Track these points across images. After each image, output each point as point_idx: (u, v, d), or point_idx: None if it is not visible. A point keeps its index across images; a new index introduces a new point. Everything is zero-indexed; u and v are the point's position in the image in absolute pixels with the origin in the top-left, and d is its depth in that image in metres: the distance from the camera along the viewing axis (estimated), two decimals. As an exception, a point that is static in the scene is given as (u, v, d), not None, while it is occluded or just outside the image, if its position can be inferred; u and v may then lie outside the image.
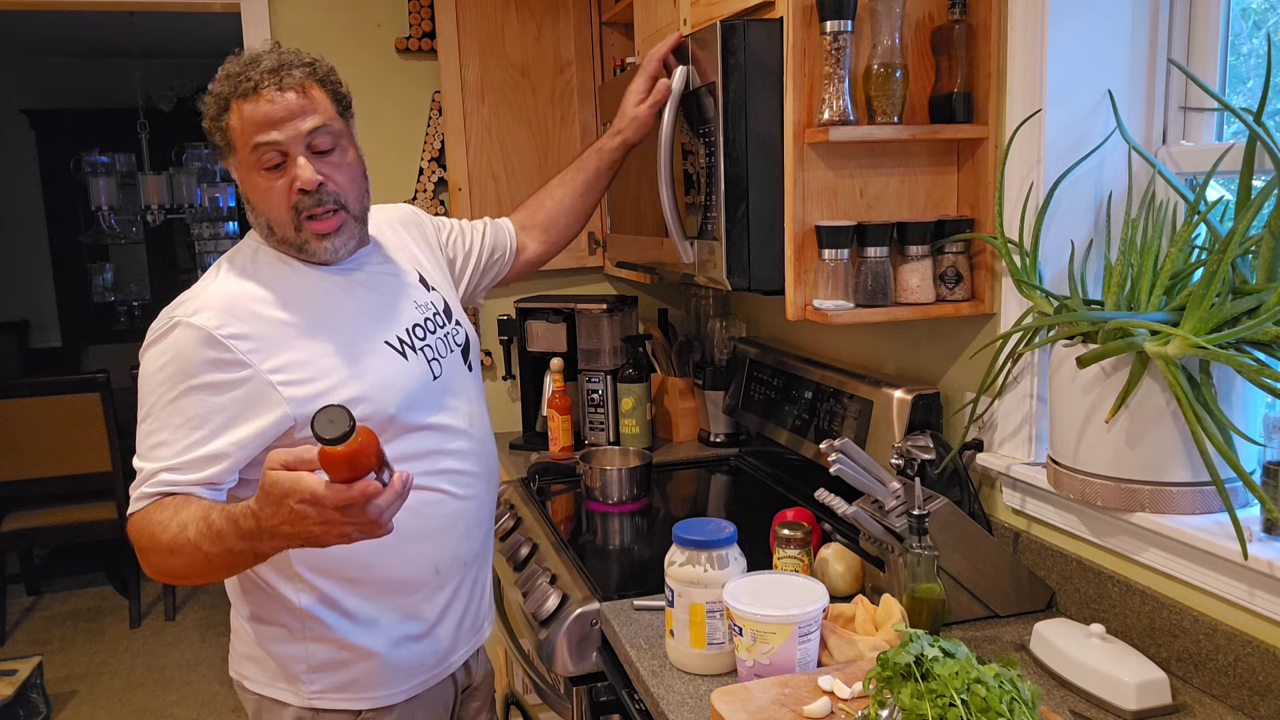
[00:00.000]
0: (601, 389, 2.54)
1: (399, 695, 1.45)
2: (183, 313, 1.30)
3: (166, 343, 1.29)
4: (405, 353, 1.41)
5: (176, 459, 1.26)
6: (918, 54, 1.56)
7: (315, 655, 1.40)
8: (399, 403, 1.37)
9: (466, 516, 1.49)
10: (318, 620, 1.39)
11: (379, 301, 1.44)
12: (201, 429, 1.27)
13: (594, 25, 2.70)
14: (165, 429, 1.27)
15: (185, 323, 1.29)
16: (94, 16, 4.88)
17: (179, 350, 1.28)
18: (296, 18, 2.69)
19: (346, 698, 1.42)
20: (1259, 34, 1.43)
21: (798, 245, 1.55)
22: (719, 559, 1.34)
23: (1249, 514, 1.25)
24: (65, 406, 3.88)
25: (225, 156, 1.38)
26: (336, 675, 1.41)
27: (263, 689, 1.44)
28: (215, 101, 1.34)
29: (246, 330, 1.30)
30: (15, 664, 3.29)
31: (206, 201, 6.13)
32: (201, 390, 1.27)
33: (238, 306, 1.31)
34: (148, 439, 1.28)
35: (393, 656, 1.43)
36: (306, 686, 1.41)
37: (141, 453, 1.29)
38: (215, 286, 1.35)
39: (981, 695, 1.00)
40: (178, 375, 1.27)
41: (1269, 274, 1.22)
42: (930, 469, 1.59)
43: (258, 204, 1.36)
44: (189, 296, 1.34)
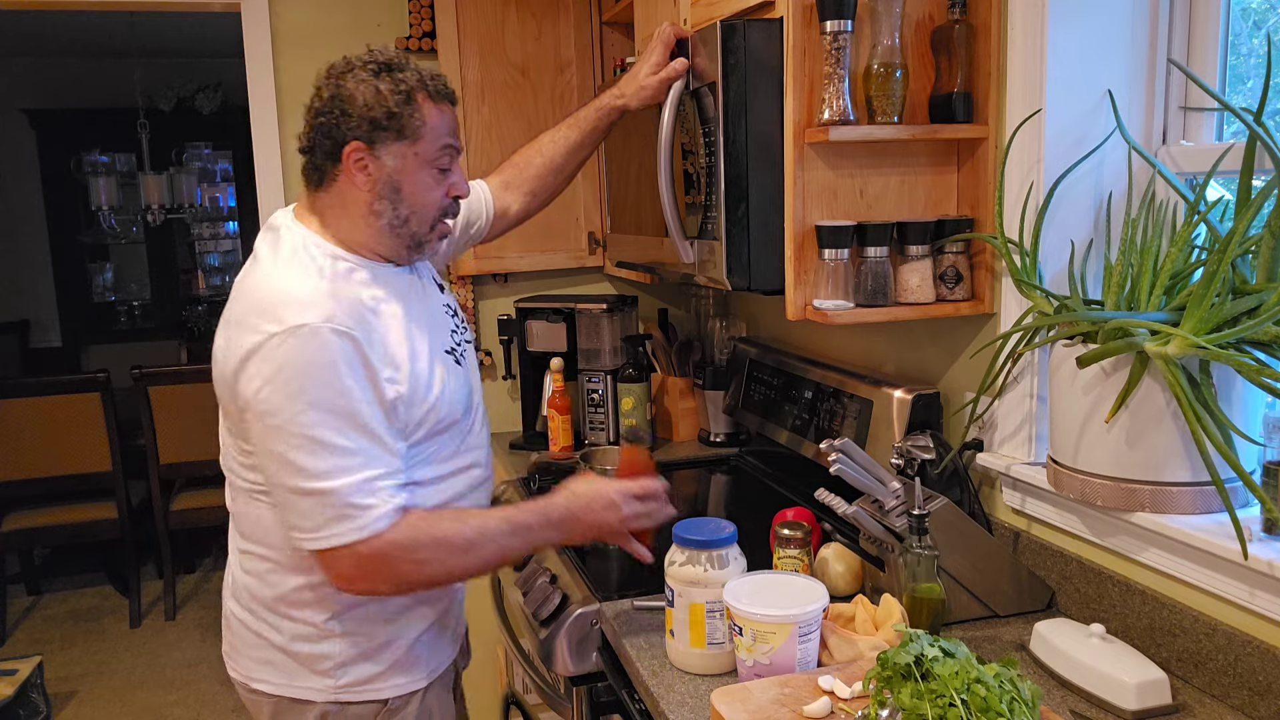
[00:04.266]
0: (601, 389, 2.54)
1: (422, 680, 1.49)
2: (311, 317, 1.25)
3: (303, 349, 1.24)
4: (459, 360, 1.48)
5: (385, 466, 1.28)
6: (918, 54, 1.56)
7: (345, 652, 1.42)
8: (461, 409, 1.45)
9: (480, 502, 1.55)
10: (350, 619, 1.42)
11: (430, 310, 1.47)
12: (379, 427, 1.29)
13: (594, 25, 2.70)
14: (352, 434, 1.26)
15: (322, 328, 1.25)
16: (94, 16, 4.88)
17: (328, 355, 1.25)
18: (297, 17, 2.69)
19: (374, 688, 1.44)
20: (1259, 34, 1.43)
21: (798, 245, 1.55)
22: (719, 559, 1.34)
23: (1249, 514, 1.25)
24: (65, 406, 3.88)
25: (385, 140, 1.33)
26: (365, 668, 1.43)
27: (282, 690, 1.44)
28: (399, 88, 1.32)
29: (367, 333, 1.30)
30: (15, 664, 3.29)
31: (206, 201, 6.14)
32: (363, 392, 1.27)
33: (354, 306, 1.30)
34: (331, 448, 1.25)
35: (418, 644, 1.48)
36: (334, 681, 1.42)
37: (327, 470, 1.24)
38: (320, 289, 1.30)
39: (981, 695, 1.00)
40: (334, 380, 1.25)
41: (1269, 274, 1.22)
42: (930, 469, 1.59)
43: (411, 196, 1.36)
44: (293, 300, 1.27)
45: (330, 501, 1.25)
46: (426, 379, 1.37)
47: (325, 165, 1.36)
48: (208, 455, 4.09)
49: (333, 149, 1.34)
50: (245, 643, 1.47)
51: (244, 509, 1.42)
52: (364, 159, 1.33)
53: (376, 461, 1.28)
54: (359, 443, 1.27)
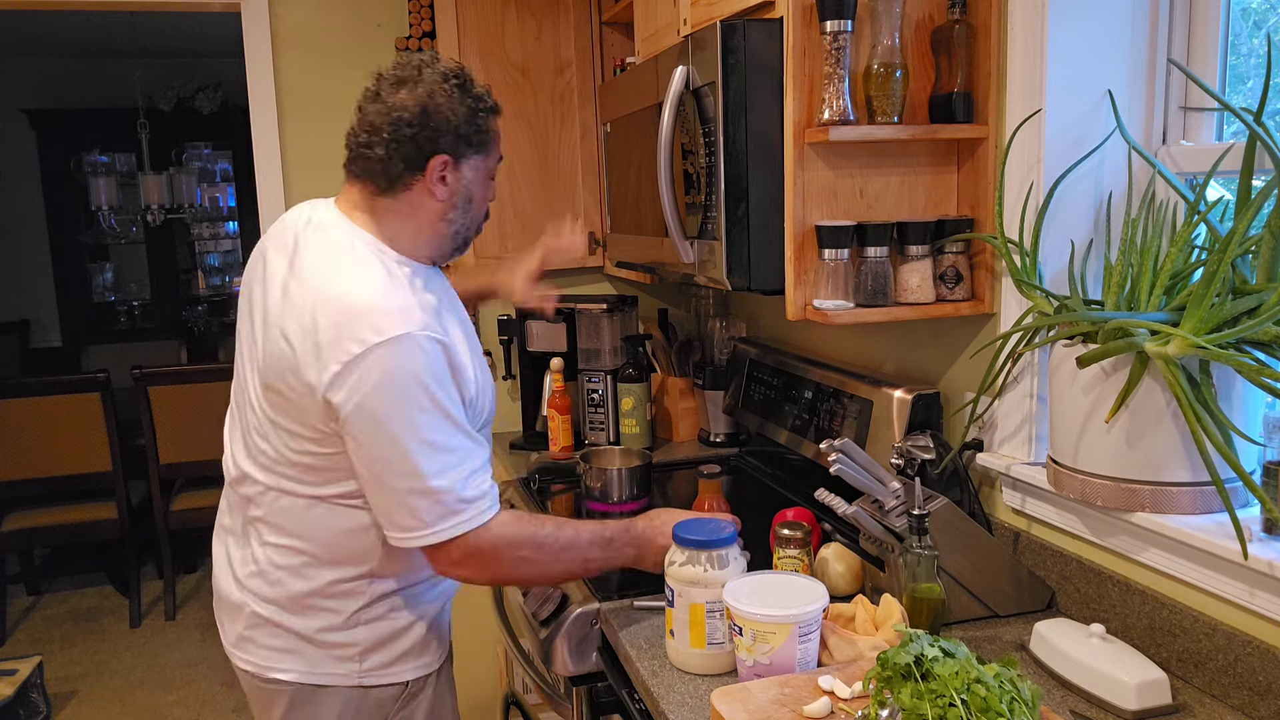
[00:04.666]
0: (601, 389, 2.54)
1: (437, 661, 1.57)
2: (411, 327, 1.30)
3: (412, 360, 1.30)
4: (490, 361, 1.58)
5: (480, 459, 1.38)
6: (918, 54, 1.56)
7: (370, 638, 1.48)
8: (492, 409, 1.54)
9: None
10: (377, 607, 1.48)
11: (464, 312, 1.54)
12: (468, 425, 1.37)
13: (594, 25, 2.70)
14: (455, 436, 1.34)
15: (420, 336, 1.30)
16: (94, 16, 4.88)
17: (431, 363, 1.31)
18: (297, 17, 2.69)
19: (395, 671, 1.50)
20: (1259, 34, 1.43)
21: (798, 245, 1.55)
22: (719, 559, 1.34)
23: (1249, 514, 1.25)
24: (65, 406, 3.88)
25: (469, 153, 1.41)
26: (388, 652, 1.49)
27: (305, 678, 1.48)
28: (481, 106, 1.41)
29: (449, 339, 1.36)
30: (15, 664, 3.29)
31: (206, 201, 6.14)
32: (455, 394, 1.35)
33: (432, 313, 1.36)
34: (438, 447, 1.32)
35: (433, 628, 1.56)
36: (359, 666, 1.48)
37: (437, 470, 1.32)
38: (406, 299, 1.34)
39: (981, 695, 1.00)
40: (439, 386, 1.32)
41: (1269, 274, 1.22)
42: (930, 469, 1.59)
43: (480, 203, 1.47)
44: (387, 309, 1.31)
45: (443, 499, 1.33)
46: (481, 378, 1.46)
47: (403, 173, 1.39)
48: (208, 455, 4.10)
49: (416, 158, 1.37)
50: (265, 633, 1.48)
51: (283, 504, 1.43)
52: (446, 172, 1.39)
53: (473, 456, 1.37)
54: (460, 440, 1.35)
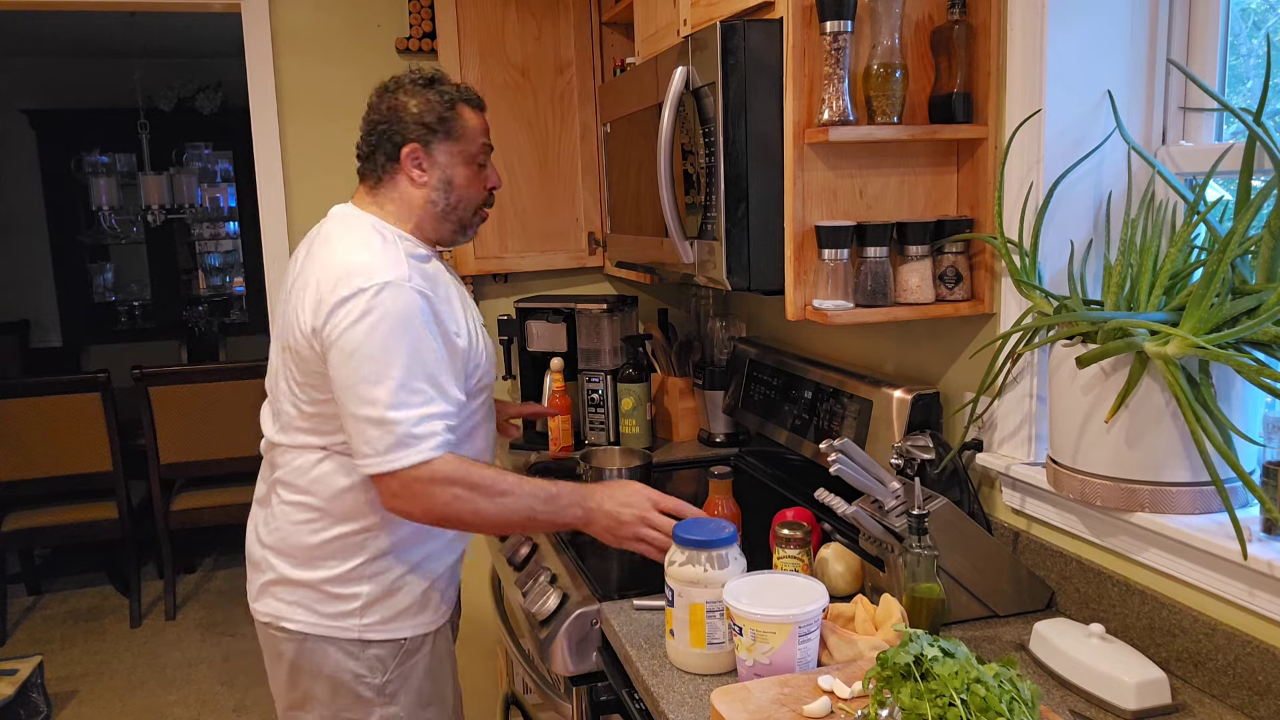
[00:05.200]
0: (601, 389, 2.54)
1: (435, 623, 1.67)
2: (392, 276, 1.47)
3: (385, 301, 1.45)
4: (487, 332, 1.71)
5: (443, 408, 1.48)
6: (918, 54, 1.56)
7: (372, 592, 1.60)
8: (492, 375, 1.69)
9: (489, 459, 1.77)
10: (380, 563, 1.60)
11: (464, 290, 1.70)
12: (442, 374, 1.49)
13: (594, 25, 2.70)
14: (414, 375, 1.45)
15: (400, 284, 1.47)
16: (94, 16, 4.88)
17: (403, 307, 1.46)
18: (297, 18, 2.69)
19: (393, 627, 1.61)
20: (1259, 34, 1.43)
21: (797, 245, 1.55)
22: (719, 559, 1.34)
23: (1249, 514, 1.25)
24: (65, 406, 3.88)
25: (437, 141, 1.59)
26: (387, 608, 1.61)
27: (310, 628, 1.61)
28: (444, 97, 1.59)
29: (434, 294, 1.52)
30: (16, 663, 3.29)
31: (207, 201, 6.14)
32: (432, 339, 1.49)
33: (422, 272, 1.54)
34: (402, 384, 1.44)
35: (432, 589, 1.66)
36: (360, 620, 1.59)
37: (396, 403, 1.44)
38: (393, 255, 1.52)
39: (981, 695, 1.00)
40: (408, 328, 1.46)
41: (1268, 274, 1.22)
42: (930, 469, 1.59)
43: (460, 187, 1.62)
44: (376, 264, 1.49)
45: (394, 430, 1.44)
46: (479, 338, 1.63)
47: (385, 165, 1.61)
48: (208, 455, 4.11)
49: (392, 151, 1.59)
50: (280, 586, 1.63)
51: (299, 462, 1.60)
52: (419, 157, 1.59)
53: (435, 403, 1.47)
54: (424, 385, 1.47)
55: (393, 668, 1.62)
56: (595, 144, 2.72)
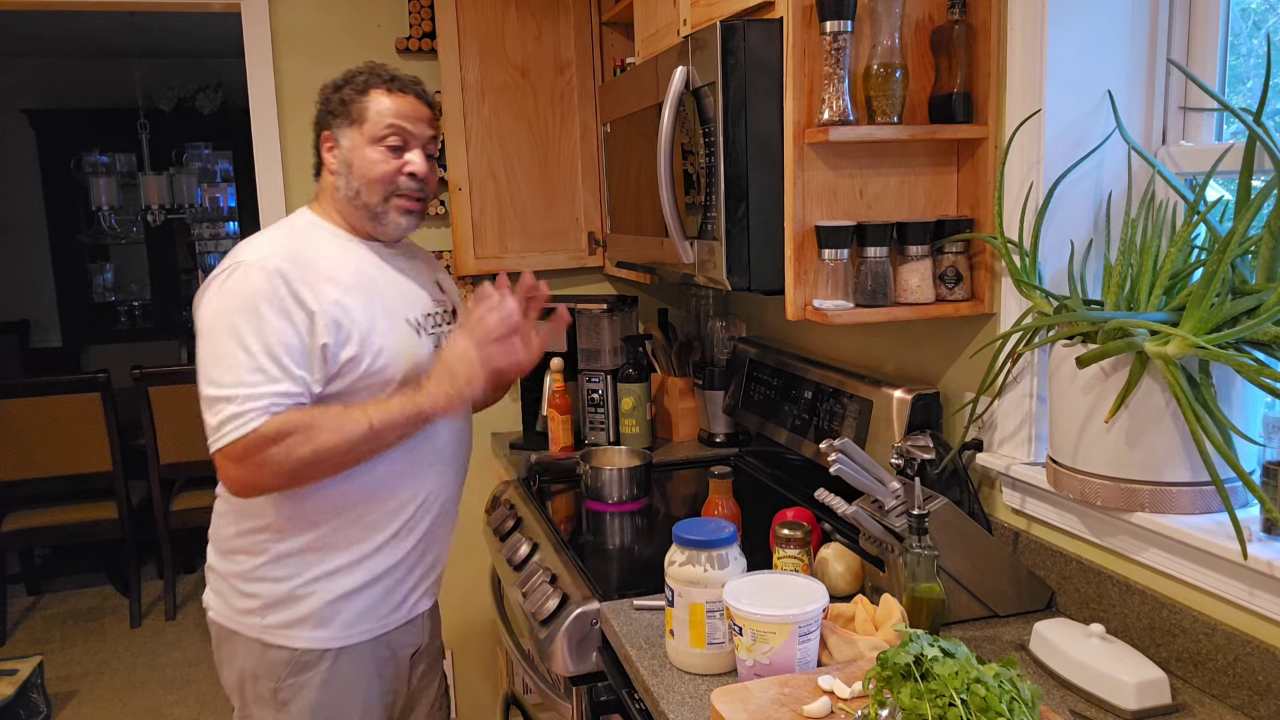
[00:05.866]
0: (601, 389, 2.54)
1: (335, 640, 1.60)
2: (250, 256, 1.49)
3: (236, 281, 1.47)
4: (419, 332, 1.63)
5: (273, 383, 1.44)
6: (918, 54, 1.56)
7: (271, 593, 1.57)
8: (404, 372, 1.57)
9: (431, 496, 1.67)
10: (280, 565, 1.57)
11: (405, 285, 1.66)
12: (282, 351, 1.45)
13: (594, 25, 2.70)
14: (249, 352, 1.44)
15: (255, 265, 1.48)
16: (94, 16, 4.88)
17: (253, 287, 1.46)
18: (297, 18, 2.69)
19: (290, 635, 1.58)
20: (1259, 34, 1.43)
21: (797, 245, 1.55)
22: (719, 559, 1.34)
23: (1248, 514, 1.25)
24: (65, 406, 3.88)
25: (340, 125, 1.60)
26: (285, 613, 1.58)
27: (224, 619, 1.63)
28: (357, 84, 1.60)
29: (303, 274, 1.50)
30: (16, 663, 3.29)
31: (207, 201, 6.13)
32: (277, 317, 1.46)
33: (297, 256, 1.52)
34: (232, 367, 1.44)
35: (338, 603, 1.59)
36: (260, 621, 1.58)
37: (225, 381, 1.44)
38: (276, 239, 1.56)
39: (981, 695, 1.00)
40: (253, 309, 1.45)
41: (1268, 274, 1.22)
42: (930, 469, 1.59)
43: (359, 170, 1.59)
44: (251, 245, 1.53)
45: (225, 408, 1.43)
46: (365, 326, 1.54)
47: (315, 156, 1.66)
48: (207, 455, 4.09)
49: (316, 140, 1.65)
50: (211, 572, 1.66)
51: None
52: (331, 144, 1.62)
53: (281, 383, 1.45)
54: (263, 364, 1.44)
55: (285, 676, 1.59)
56: (595, 144, 2.72)
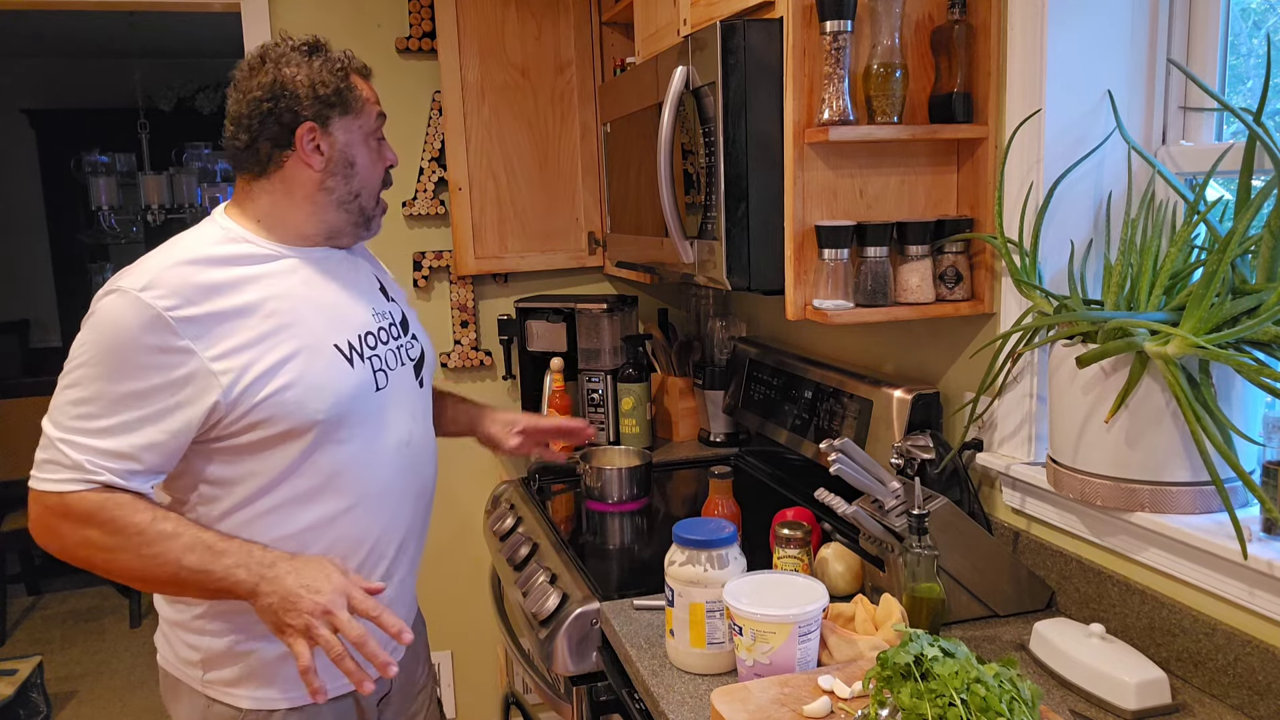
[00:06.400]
0: (601, 389, 2.54)
1: (282, 701, 1.40)
2: (133, 284, 1.24)
3: (108, 315, 1.24)
4: (351, 359, 1.38)
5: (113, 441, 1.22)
6: (918, 54, 1.56)
7: (212, 646, 1.39)
8: (329, 407, 1.33)
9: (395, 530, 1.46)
10: (220, 620, 1.38)
11: (338, 302, 1.41)
12: (137, 410, 1.23)
13: (594, 25, 2.70)
14: (97, 402, 1.22)
15: (133, 296, 1.23)
16: (94, 16, 4.88)
17: (123, 325, 1.22)
18: (297, 17, 2.69)
19: (233, 694, 1.40)
20: (1259, 34, 1.43)
21: (797, 245, 1.55)
22: (719, 559, 1.34)
23: (1249, 514, 1.25)
24: (65, 406, 3.88)
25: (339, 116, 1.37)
26: (228, 671, 1.39)
27: (169, 667, 1.45)
28: (335, 68, 1.37)
29: (196, 313, 1.25)
30: (15, 663, 3.29)
31: (207, 201, 6.11)
32: (144, 372, 1.23)
33: (190, 283, 1.26)
34: (75, 406, 1.23)
35: (282, 661, 1.38)
36: (202, 674, 1.40)
37: (65, 423, 1.23)
38: (175, 261, 1.28)
39: (981, 695, 1.00)
40: (116, 352, 1.22)
41: (1269, 274, 1.22)
42: (930, 469, 1.59)
43: (362, 169, 1.41)
44: (140, 267, 1.27)
45: (49, 446, 1.24)
46: (275, 368, 1.29)
47: (272, 151, 1.36)
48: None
49: (281, 133, 1.35)
50: (157, 612, 1.48)
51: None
52: (316, 137, 1.36)
53: (117, 438, 1.23)
54: (107, 424, 1.23)
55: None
56: (595, 144, 2.72)
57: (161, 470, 1.27)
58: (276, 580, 1.22)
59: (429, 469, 1.54)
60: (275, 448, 1.31)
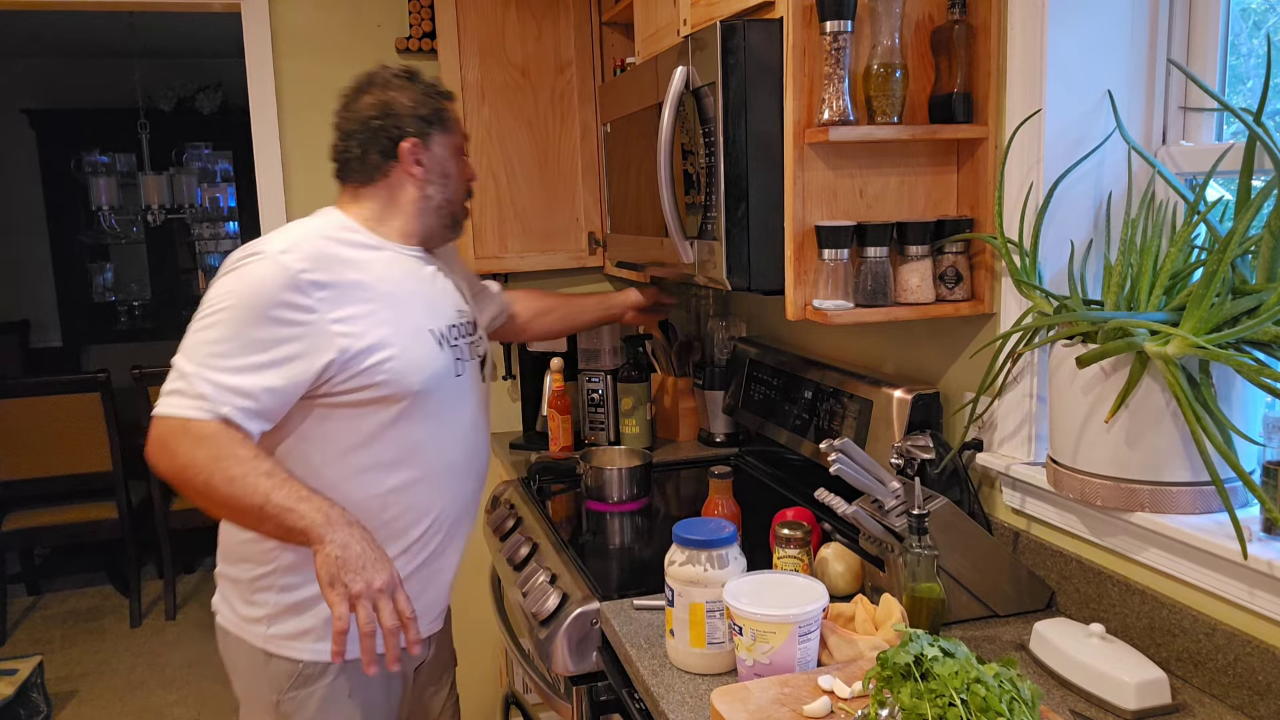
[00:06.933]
0: (601, 389, 2.54)
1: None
2: (273, 248, 1.42)
3: (250, 270, 1.41)
4: (441, 344, 1.56)
5: (238, 378, 1.37)
6: (918, 54, 1.56)
7: (276, 603, 1.53)
8: (421, 383, 1.51)
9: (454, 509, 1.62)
10: (285, 575, 1.52)
11: (432, 295, 1.61)
12: (264, 355, 1.38)
13: (594, 25, 2.70)
14: (232, 342, 1.38)
15: (274, 258, 1.41)
16: (94, 16, 4.87)
17: (262, 280, 1.39)
18: (297, 18, 2.69)
19: (295, 647, 1.54)
20: (1259, 34, 1.43)
21: (797, 245, 1.55)
22: (719, 558, 1.34)
23: (1248, 514, 1.25)
24: (66, 406, 3.88)
25: (435, 134, 1.59)
26: (289, 625, 1.53)
27: (230, 625, 1.60)
28: (431, 93, 1.60)
29: (324, 279, 1.43)
30: (16, 663, 3.29)
31: (207, 201, 6.13)
32: (275, 323, 1.39)
33: (322, 253, 1.46)
34: (210, 345, 1.38)
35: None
36: (265, 630, 1.54)
37: (198, 358, 1.38)
38: (307, 236, 1.48)
39: (981, 695, 1.00)
40: (254, 304, 1.38)
41: (1268, 274, 1.22)
42: (930, 469, 1.59)
43: (454, 179, 1.63)
44: (277, 235, 1.47)
45: (180, 378, 1.38)
46: (383, 339, 1.46)
47: (380, 163, 1.56)
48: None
49: (389, 147, 1.55)
50: (220, 579, 1.65)
51: None
52: (418, 151, 1.56)
53: (243, 376, 1.37)
54: (236, 363, 1.37)
55: (287, 689, 1.54)
56: (595, 144, 2.72)
57: (273, 415, 1.42)
58: (347, 543, 1.34)
59: (486, 455, 1.73)
60: (368, 413, 1.47)
